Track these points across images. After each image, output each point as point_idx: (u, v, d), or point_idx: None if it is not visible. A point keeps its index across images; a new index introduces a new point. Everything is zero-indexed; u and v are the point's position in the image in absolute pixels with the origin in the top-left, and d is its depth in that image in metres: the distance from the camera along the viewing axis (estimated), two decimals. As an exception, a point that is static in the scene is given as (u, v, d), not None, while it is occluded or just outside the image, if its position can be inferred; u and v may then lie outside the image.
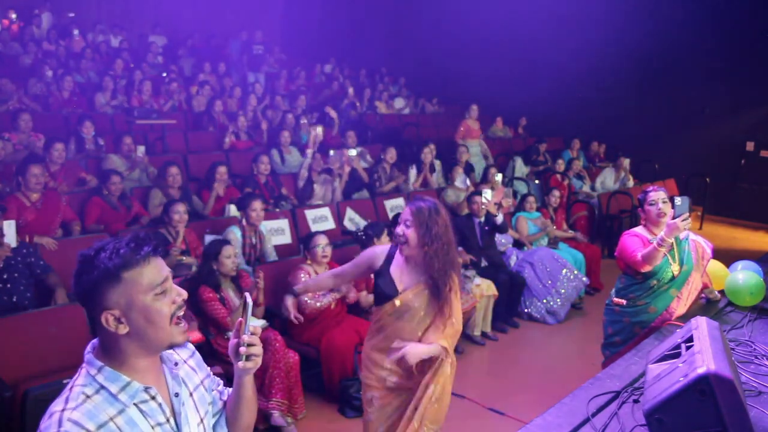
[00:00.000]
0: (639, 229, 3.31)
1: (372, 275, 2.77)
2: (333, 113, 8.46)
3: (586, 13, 10.40)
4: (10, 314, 3.39)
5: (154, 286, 1.34)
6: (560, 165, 8.34)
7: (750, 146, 9.36)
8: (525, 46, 11.32)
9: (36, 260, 3.84)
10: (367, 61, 12.50)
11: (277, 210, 5.58)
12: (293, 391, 3.78)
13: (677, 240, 3.26)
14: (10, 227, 3.78)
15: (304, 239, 4.44)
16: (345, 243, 5.33)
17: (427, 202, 2.61)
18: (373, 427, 2.74)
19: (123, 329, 1.32)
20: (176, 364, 1.48)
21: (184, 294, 1.41)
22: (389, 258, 2.69)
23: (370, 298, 4.26)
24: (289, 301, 3.67)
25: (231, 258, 3.85)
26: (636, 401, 2.18)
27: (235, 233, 4.63)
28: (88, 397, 1.30)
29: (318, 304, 4.03)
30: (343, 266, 2.96)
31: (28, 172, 4.39)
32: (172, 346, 1.41)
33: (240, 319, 1.49)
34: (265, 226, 4.95)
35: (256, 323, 3.76)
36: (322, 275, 3.19)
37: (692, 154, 10.28)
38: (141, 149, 5.78)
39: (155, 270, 1.35)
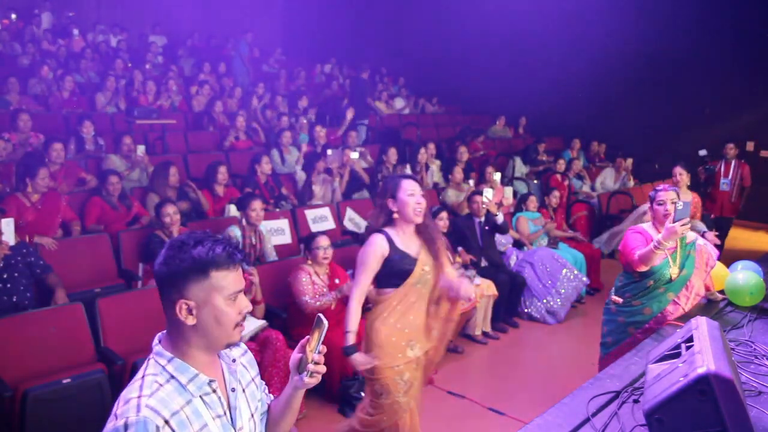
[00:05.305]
0: (646, 226, 3.29)
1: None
2: (350, 115, 8.42)
3: (587, 12, 10.38)
4: (10, 314, 3.40)
5: (232, 292, 1.41)
6: (560, 165, 8.34)
7: (750, 146, 9.33)
8: (525, 45, 11.31)
9: (36, 260, 3.84)
10: (367, 61, 12.49)
11: (277, 210, 5.58)
12: (293, 391, 3.77)
13: (683, 243, 3.24)
14: (8, 225, 3.77)
15: (305, 239, 4.44)
16: (345, 243, 5.33)
17: None
18: (404, 407, 2.86)
19: (191, 320, 1.39)
20: (234, 360, 1.55)
21: (250, 307, 1.48)
22: (389, 239, 2.84)
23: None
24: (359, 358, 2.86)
25: None
26: (636, 401, 2.18)
27: (235, 233, 4.63)
28: (160, 385, 1.36)
29: (318, 303, 4.03)
30: (358, 282, 2.81)
31: (37, 175, 4.40)
32: (229, 346, 1.48)
33: (308, 336, 1.57)
34: (265, 226, 4.95)
35: (256, 323, 3.79)
36: (354, 308, 2.81)
37: (692, 154, 10.25)
38: (141, 149, 5.79)
39: (237, 278, 1.43)
